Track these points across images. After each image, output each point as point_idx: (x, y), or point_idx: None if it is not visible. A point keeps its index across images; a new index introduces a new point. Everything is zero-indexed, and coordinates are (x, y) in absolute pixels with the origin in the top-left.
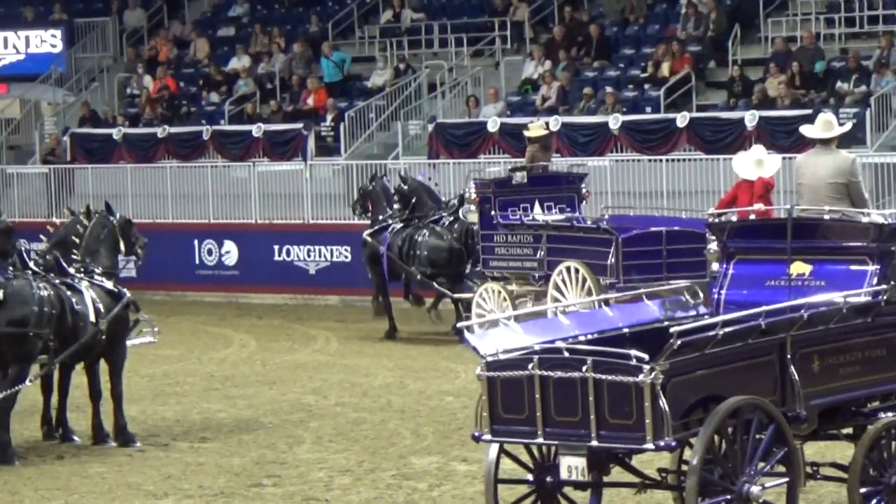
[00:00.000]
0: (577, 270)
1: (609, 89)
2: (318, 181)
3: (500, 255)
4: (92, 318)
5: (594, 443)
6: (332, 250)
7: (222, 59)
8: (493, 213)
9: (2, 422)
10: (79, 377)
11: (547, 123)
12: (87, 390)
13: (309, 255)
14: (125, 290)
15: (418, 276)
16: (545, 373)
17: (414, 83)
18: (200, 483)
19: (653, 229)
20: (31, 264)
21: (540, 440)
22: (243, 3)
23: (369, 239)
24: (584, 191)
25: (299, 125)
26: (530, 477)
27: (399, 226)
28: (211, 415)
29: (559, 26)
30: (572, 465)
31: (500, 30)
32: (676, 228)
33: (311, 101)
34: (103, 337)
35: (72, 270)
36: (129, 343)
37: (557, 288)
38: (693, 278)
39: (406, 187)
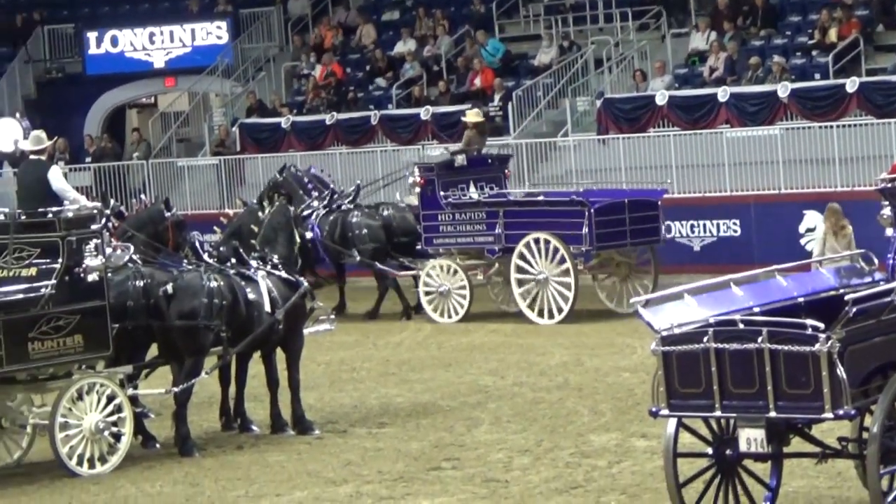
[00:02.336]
0: (546, 241)
1: (776, 58)
2: None
3: (447, 233)
4: (268, 307)
5: (772, 414)
6: None
7: (388, 43)
8: (439, 193)
9: (180, 414)
10: (256, 367)
11: (484, 112)
12: (264, 380)
13: None
14: (302, 279)
15: (357, 258)
16: (721, 345)
17: (580, 59)
18: (379, 468)
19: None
20: (206, 256)
21: (718, 413)
22: None
23: None
24: (506, 171)
25: (467, 106)
26: (709, 450)
27: (323, 212)
28: (388, 400)
29: None
30: (751, 437)
31: (666, 2)
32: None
33: (478, 82)
34: (280, 326)
35: (253, 263)
36: (306, 331)
37: (523, 258)
38: (651, 242)
39: (280, 178)
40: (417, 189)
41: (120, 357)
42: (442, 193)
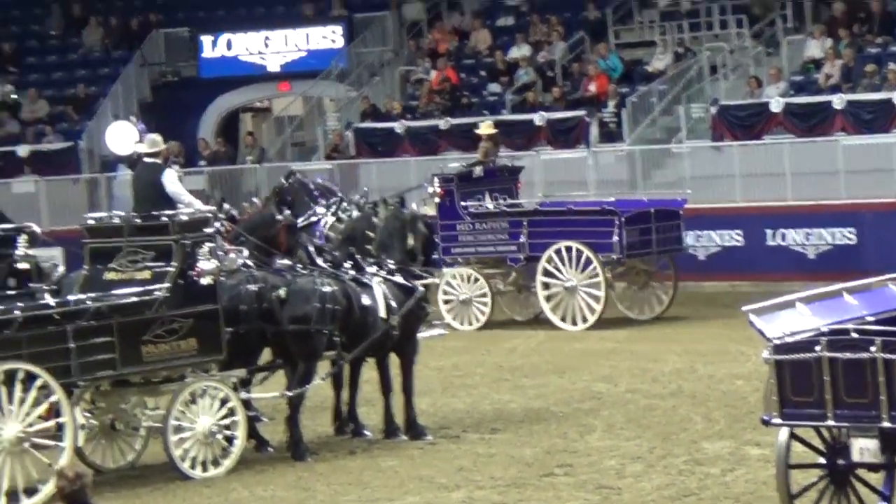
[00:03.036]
0: (576, 250)
1: (892, 65)
2: (601, 167)
3: (466, 243)
4: (382, 313)
5: (886, 424)
6: None
7: (502, 48)
8: (458, 203)
9: (293, 418)
10: (369, 371)
11: (495, 123)
12: (377, 384)
13: None
14: (418, 284)
15: None
16: (833, 354)
17: (695, 66)
18: (492, 474)
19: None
20: (320, 260)
21: (830, 423)
22: None
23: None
24: (518, 182)
25: (582, 112)
26: (822, 460)
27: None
28: (501, 405)
29: (840, 3)
30: (864, 447)
31: (781, 9)
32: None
33: (592, 88)
34: (395, 332)
35: (367, 267)
36: (422, 335)
37: (550, 266)
38: (674, 251)
39: (286, 184)
40: (437, 199)
41: (233, 361)
42: (462, 203)
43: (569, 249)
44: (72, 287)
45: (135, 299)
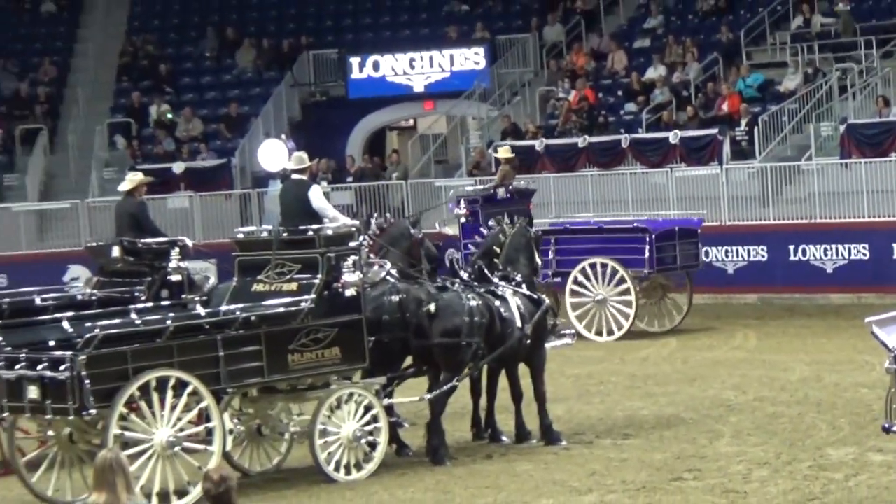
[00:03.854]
0: (604, 265)
1: None
2: (733, 184)
3: None
4: (518, 323)
5: None
6: (749, 250)
7: (639, 69)
8: (481, 223)
9: (434, 424)
10: (503, 380)
11: (511, 147)
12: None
13: (727, 256)
14: (544, 296)
15: None
16: None
17: (825, 86)
18: (623, 478)
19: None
20: (462, 273)
21: None
22: (657, 14)
23: None
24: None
25: (714, 130)
26: None
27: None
28: (633, 412)
29: None
30: None
31: None
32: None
33: (725, 107)
34: (527, 341)
35: (496, 279)
36: (548, 346)
37: (579, 282)
38: (693, 267)
39: None
40: (463, 219)
41: (375, 368)
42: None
43: (595, 266)
44: (222, 298)
45: (282, 310)
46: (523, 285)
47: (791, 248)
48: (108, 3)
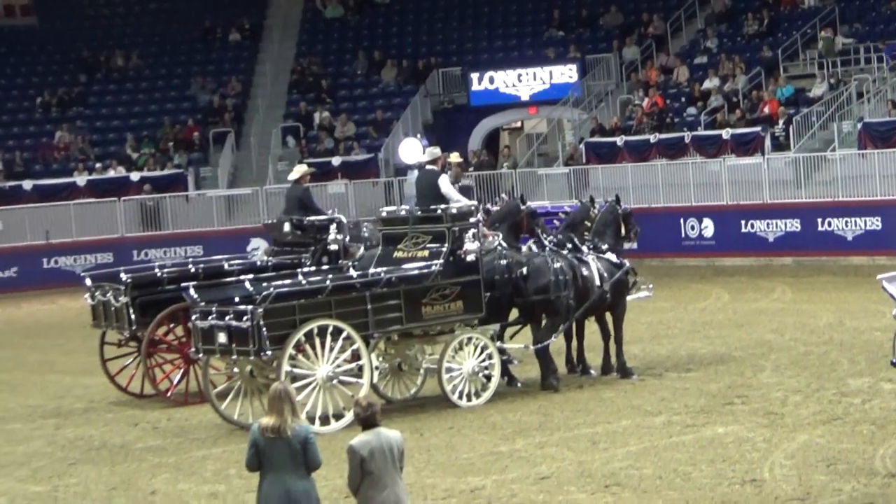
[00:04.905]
0: None
1: None
2: (773, 170)
3: None
4: (597, 282)
5: None
6: (785, 223)
7: (698, 80)
8: None
9: (545, 358)
10: (592, 325)
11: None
12: (599, 334)
13: (768, 227)
14: (625, 261)
15: None
16: None
17: (846, 93)
18: (686, 403)
19: None
20: (546, 242)
21: None
22: (712, 37)
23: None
24: None
25: (758, 129)
26: None
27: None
28: (694, 351)
29: None
30: None
31: None
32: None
33: (766, 110)
34: (608, 296)
35: (584, 248)
36: (630, 298)
37: None
38: None
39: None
40: None
41: (489, 317)
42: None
43: None
44: (370, 263)
45: (417, 272)
46: (608, 253)
47: (819, 220)
48: (282, 33)
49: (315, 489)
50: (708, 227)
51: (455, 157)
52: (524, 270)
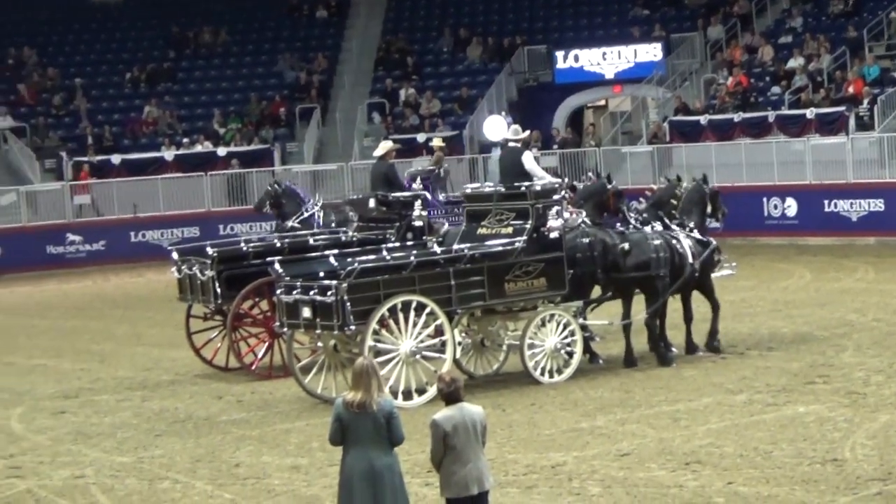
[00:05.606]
0: None
1: None
2: (857, 150)
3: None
4: (690, 259)
5: None
6: (869, 202)
7: (783, 60)
8: (433, 194)
9: (654, 336)
10: (675, 303)
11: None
12: (682, 314)
13: (851, 207)
14: (712, 239)
15: None
16: None
17: None
18: (767, 382)
19: None
20: (632, 220)
21: None
22: (797, 16)
23: (298, 226)
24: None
25: (842, 108)
26: None
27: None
28: (776, 330)
29: None
30: None
31: None
32: None
33: (851, 90)
34: (696, 274)
35: (673, 225)
36: (714, 276)
37: None
38: None
39: (280, 189)
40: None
41: (572, 294)
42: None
43: None
44: (454, 239)
45: (500, 248)
46: (695, 231)
47: None
48: (368, 10)
49: (398, 464)
50: (791, 206)
51: (437, 143)
52: (625, 246)
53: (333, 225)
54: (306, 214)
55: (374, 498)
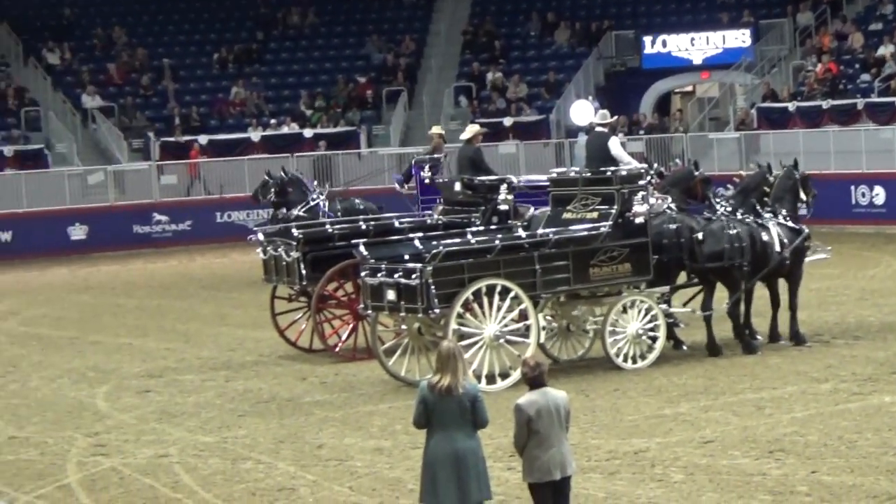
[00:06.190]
0: None
1: None
2: None
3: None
4: (777, 248)
5: None
6: None
7: (873, 47)
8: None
9: (739, 327)
10: (760, 290)
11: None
12: (767, 301)
13: None
14: (804, 227)
15: None
16: None
17: None
18: (853, 371)
19: None
20: (719, 207)
21: None
22: (888, 3)
23: (305, 215)
24: None
25: None
26: None
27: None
28: (862, 318)
29: None
30: None
31: None
32: None
33: None
34: (787, 262)
35: (765, 213)
36: (808, 259)
37: None
38: None
39: (287, 178)
40: (407, 189)
41: (657, 280)
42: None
43: None
44: (539, 223)
45: (585, 233)
46: (787, 219)
47: None
48: None
49: (481, 447)
50: (879, 194)
51: (437, 129)
52: (699, 236)
53: (339, 214)
54: (312, 203)
55: (459, 481)
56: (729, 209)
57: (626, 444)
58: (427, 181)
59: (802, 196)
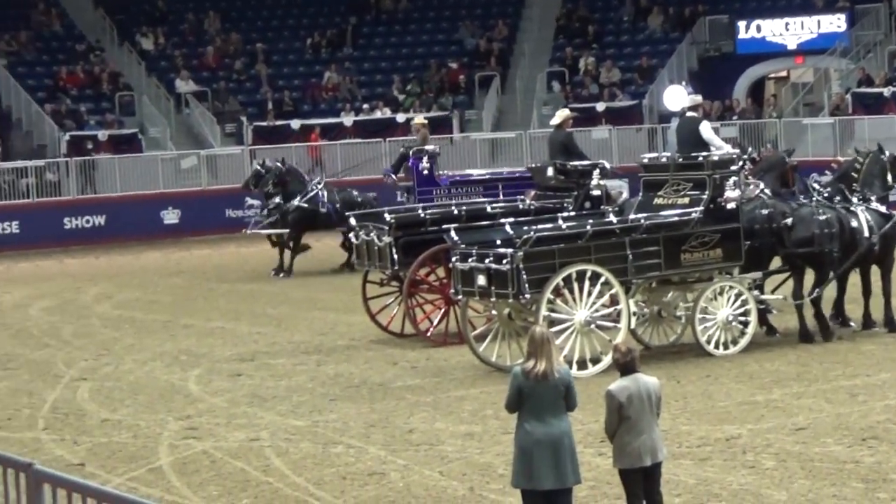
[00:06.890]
0: None
1: None
2: None
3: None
4: (866, 233)
5: None
6: None
7: None
8: (436, 173)
9: (819, 313)
10: (853, 277)
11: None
12: (860, 288)
13: None
14: (895, 212)
15: None
16: None
17: None
18: None
19: None
20: (815, 194)
21: None
22: None
23: (305, 205)
24: None
25: None
26: None
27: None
28: None
29: None
30: None
31: None
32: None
33: None
34: (876, 248)
35: (854, 199)
36: None
37: None
38: None
39: (284, 168)
40: (399, 182)
41: (749, 266)
42: (439, 173)
43: None
44: (631, 209)
45: (676, 219)
46: (876, 204)
47: None
48: None
49: (572, 430)
50: None
51: (420, 120)
52: (788, 221)
53: (338, 205)
54: (311, 193)
55: (556, 463)
56: (825, 196)
57: (717, 430)
58: (425, 172)
59: (890, 180)
